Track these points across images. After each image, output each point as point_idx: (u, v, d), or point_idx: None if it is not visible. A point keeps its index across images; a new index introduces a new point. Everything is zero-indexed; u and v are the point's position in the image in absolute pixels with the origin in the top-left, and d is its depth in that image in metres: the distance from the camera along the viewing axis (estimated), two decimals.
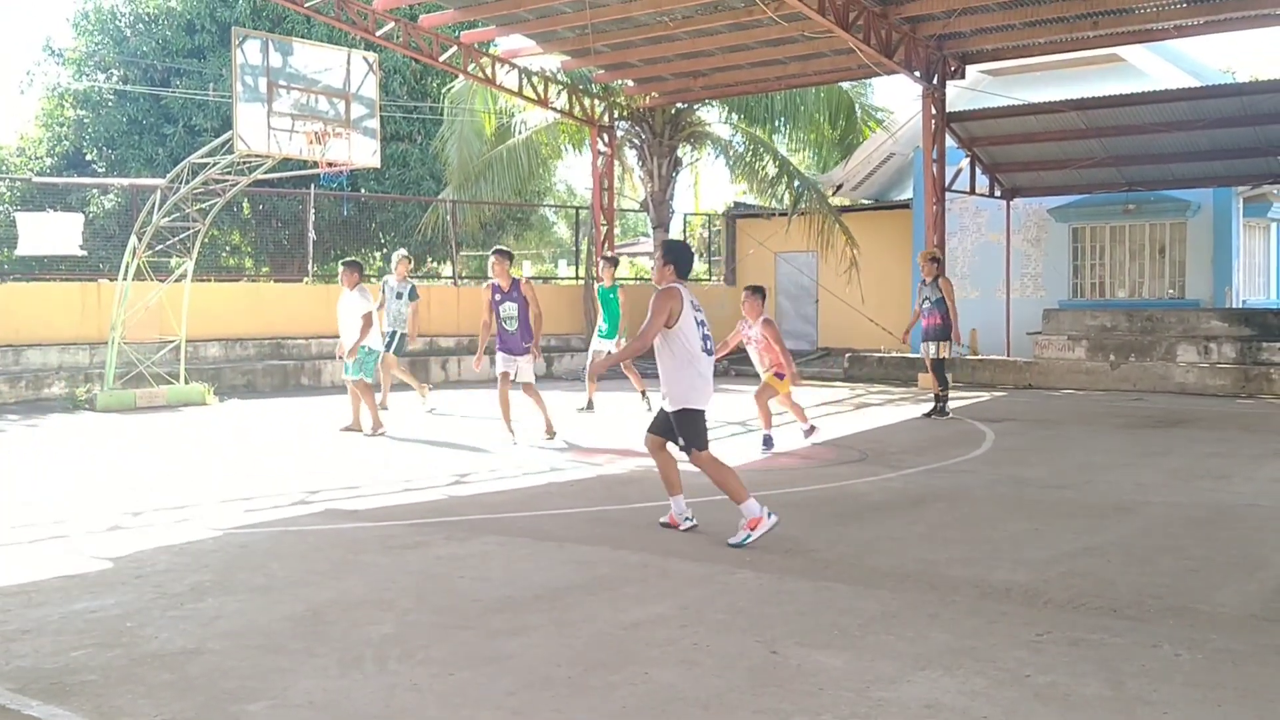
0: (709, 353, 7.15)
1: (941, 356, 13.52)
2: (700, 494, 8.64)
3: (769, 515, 6.84)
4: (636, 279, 32.17)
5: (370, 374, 12.52)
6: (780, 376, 11.27)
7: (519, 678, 4.45)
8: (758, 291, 11.32)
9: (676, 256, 7.21)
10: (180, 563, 6.35)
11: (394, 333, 14.51)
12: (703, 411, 7.13)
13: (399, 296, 14.63)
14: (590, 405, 14.73)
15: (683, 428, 7.08)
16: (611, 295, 14.77)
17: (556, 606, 5.44)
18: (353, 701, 4.21)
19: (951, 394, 13.26)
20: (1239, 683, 4.36)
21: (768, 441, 11.17)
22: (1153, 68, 21.17)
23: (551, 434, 11.86)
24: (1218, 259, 20.85)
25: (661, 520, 7.37)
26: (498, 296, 11.68)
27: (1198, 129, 18.07)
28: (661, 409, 7.28)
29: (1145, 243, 21.67)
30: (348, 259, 12.91)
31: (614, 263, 15.40)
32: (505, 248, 12.21)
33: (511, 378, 11.85)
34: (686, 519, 7.29)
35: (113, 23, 28.47)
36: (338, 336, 13.09)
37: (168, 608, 5.44)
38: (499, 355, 11.84)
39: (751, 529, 6.79)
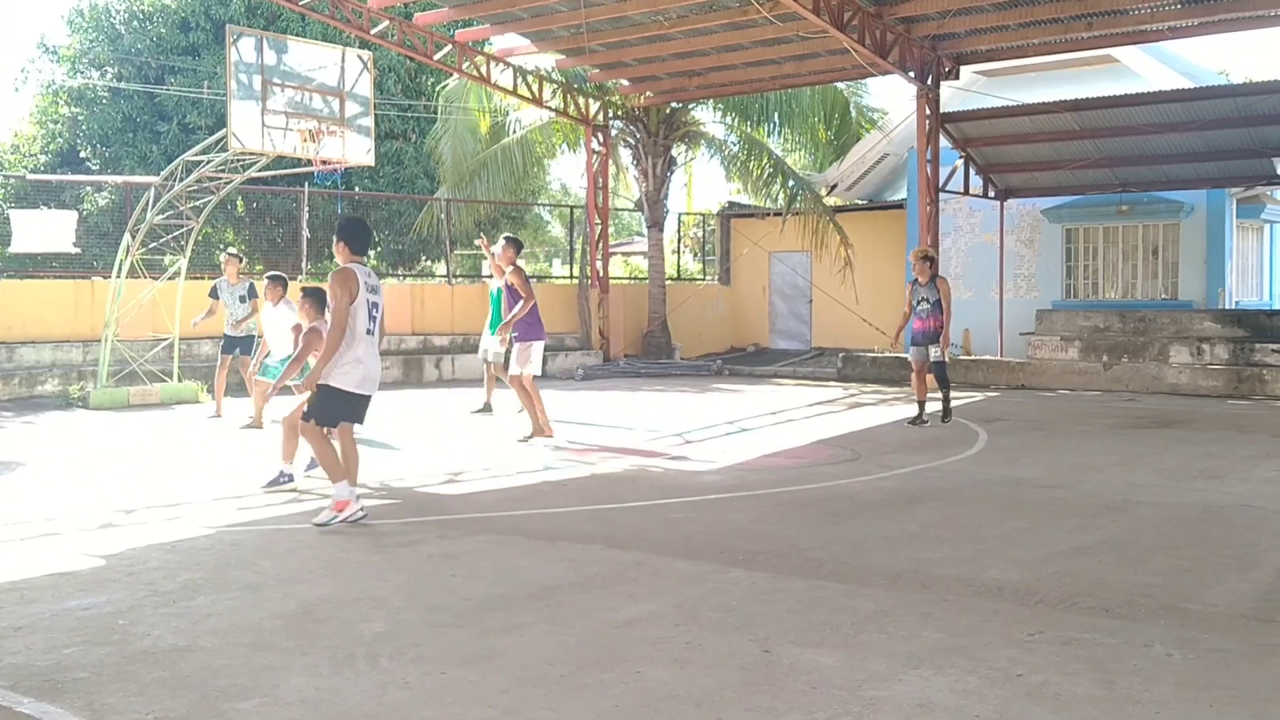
0: (371, 334, 7.36)
1: (944, 360, 13.11)
2: (694, 494, 8.64)
3: (358, 501, 7.17)
4: (631, 278, 32.18)
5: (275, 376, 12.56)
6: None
7: (511, 676, 4.44)
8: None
9: (349, 234, 7.44)
10: (172, 560, 6.34)
11: (249, 337, 13.75)
12: (345, 393, 7.26)
13: (241, 300, 13.80)
14: (488, 407, 14.22)
15: (315, 399, 7.29)
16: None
17: (549, 605, 5.43)
18: (344, 699, 4.21)
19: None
20: (1231, 682, 4.37)
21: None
22: (1147, 69, 21.20)
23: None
24: (1211, 260, 20.88)
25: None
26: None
27: (1192, 130, 18.09)
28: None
29: (1139, 244, 21.70)
30: (272, 274, 12.46)
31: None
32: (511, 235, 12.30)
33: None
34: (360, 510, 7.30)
35: (107, 20, 28.43)
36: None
37: (160, 605, 5.43)
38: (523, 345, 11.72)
39: (338, 510, 7.11)
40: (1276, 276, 23.62)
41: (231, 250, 15.29)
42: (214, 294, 14.09)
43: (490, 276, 13.06)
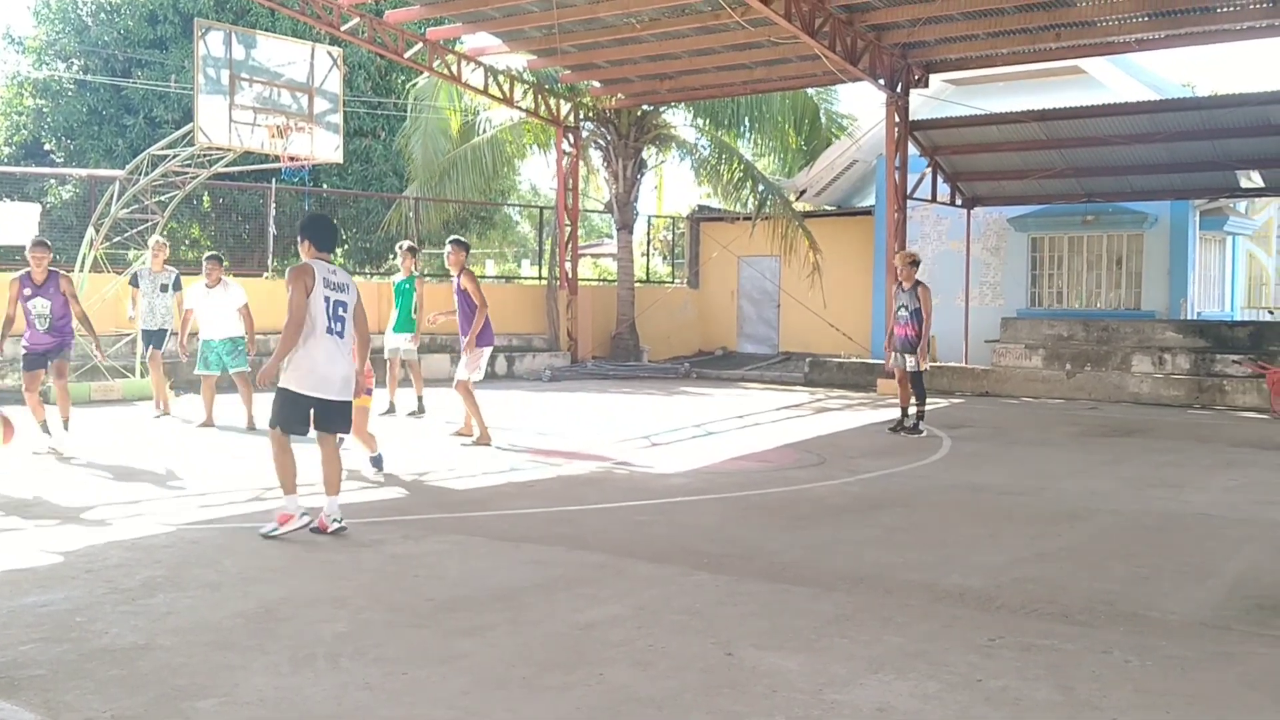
0: (334, 334, 6.94)
1: (921, 369, 12.86)
2: (660, 496, 8.65)
3: (303, 516, 6.84)
4: (600, 280, 32.17)
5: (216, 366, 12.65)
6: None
7: (473, 677, 4.43)
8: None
9: (312, 231, 7.13)
10: (132, 558, 6.28)
11: (161, 330, 13.54)
12: (295, 394, 6.90)
13: (164, 289, 13.46)
14: (420, 408, 14.00)
15: (274, 400, 7.05)
16: (407, 287, 13.81)
17: (512, 606, 5.42)
18: (304, 699, 4.18)
19: (909, 399, 13.22)
20: (1188, 689, 4.41)
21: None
22: (1113, 80, 21.41)
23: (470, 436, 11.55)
24: (1174, 271, 21.10)
25: (311, 526, 6.94)
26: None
27: (1157, 142, 18.28)
28: None
29: (1103, 253, 21.90)
30: (210, 254, 12.42)
31: (413, 252, 14.14)
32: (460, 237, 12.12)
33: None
34: (335, 520, 7.01)
35: (74, 11, 28.15)
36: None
37: (119, 603, 5.38)
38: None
39: (281, 523, 6.81)
40: (1238, 288, 23.91)
41: (158, 237, 14.05)
42: (134, 282, 13.60)
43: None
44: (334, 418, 7.12)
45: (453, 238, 11.93)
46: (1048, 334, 18.80)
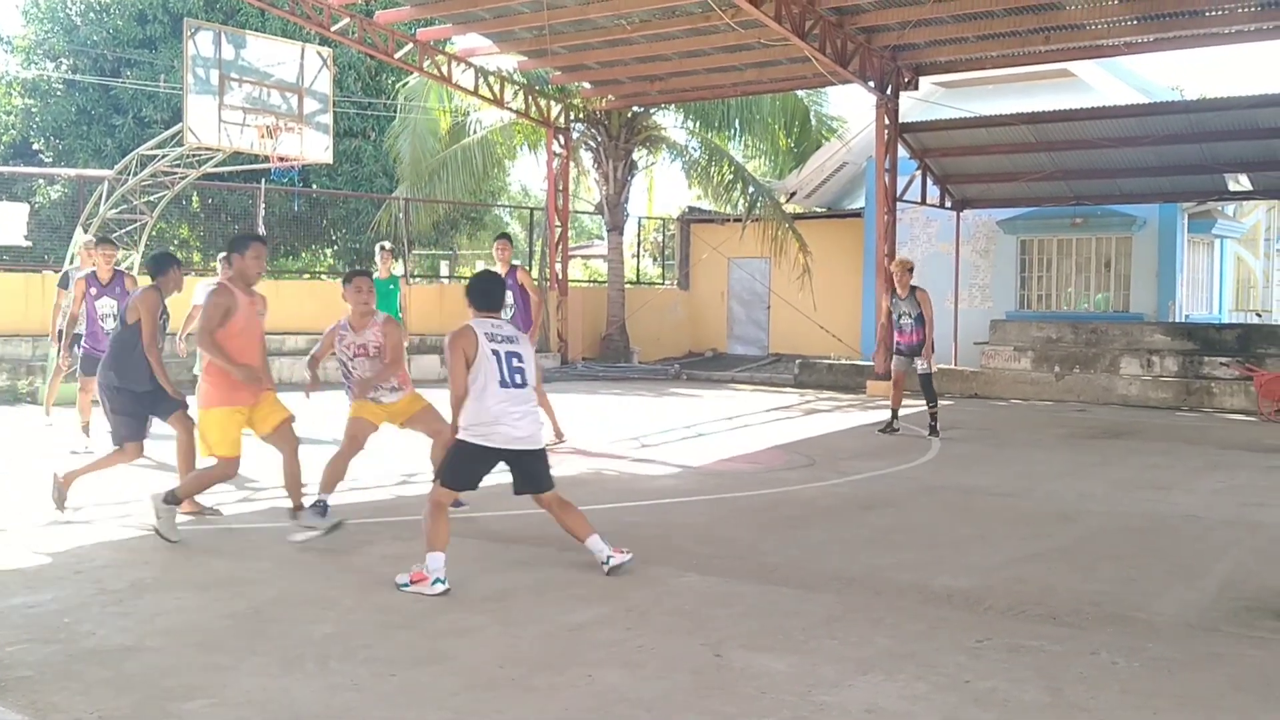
0: (515, 385, 6.18)
1: (930, 370, 12.81)
2: (650, 497, 8.65)
3: (436, 584, 5.72)
4: (590, 281, 32.17)
5: None
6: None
7: (462, 678, 4.43)
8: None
9: (472, 294, 6.44)
10: (121, 559, 6.26)
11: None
12: (474, 448, 6.16)
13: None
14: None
15: (449, 453, 6.39)
16: (391, 287, 13.23)
17: (501, 607, 5.42)
18: (293, 700, 4.18)
19: (901, 401, 13.26)
20: (1175, 690, 4.43)
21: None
22: (1103, 84, 21.48)
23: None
24: (1162, 274, 21.16)
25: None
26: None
27: (1145, 145, 18.33)
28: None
29: (1092, 256, 21.96)
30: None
31: (394, 253, 13.86)
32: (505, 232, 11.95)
33: None
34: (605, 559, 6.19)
35: (63, 11, 28.06)
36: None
37: (107, 604, 5.36)
38: None
39: (414, 581, 5.79)
40: (1226, 291, 23.99)
41: (89, 236, 12.87)
42: (64, 284, 12.19)
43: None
44: (533, 470, 6.41)
45: (500, 233, 11.78)
46: (1037, 336, 18.84)
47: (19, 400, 14.87)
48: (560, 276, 23.27)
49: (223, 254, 9.97)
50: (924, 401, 13.01)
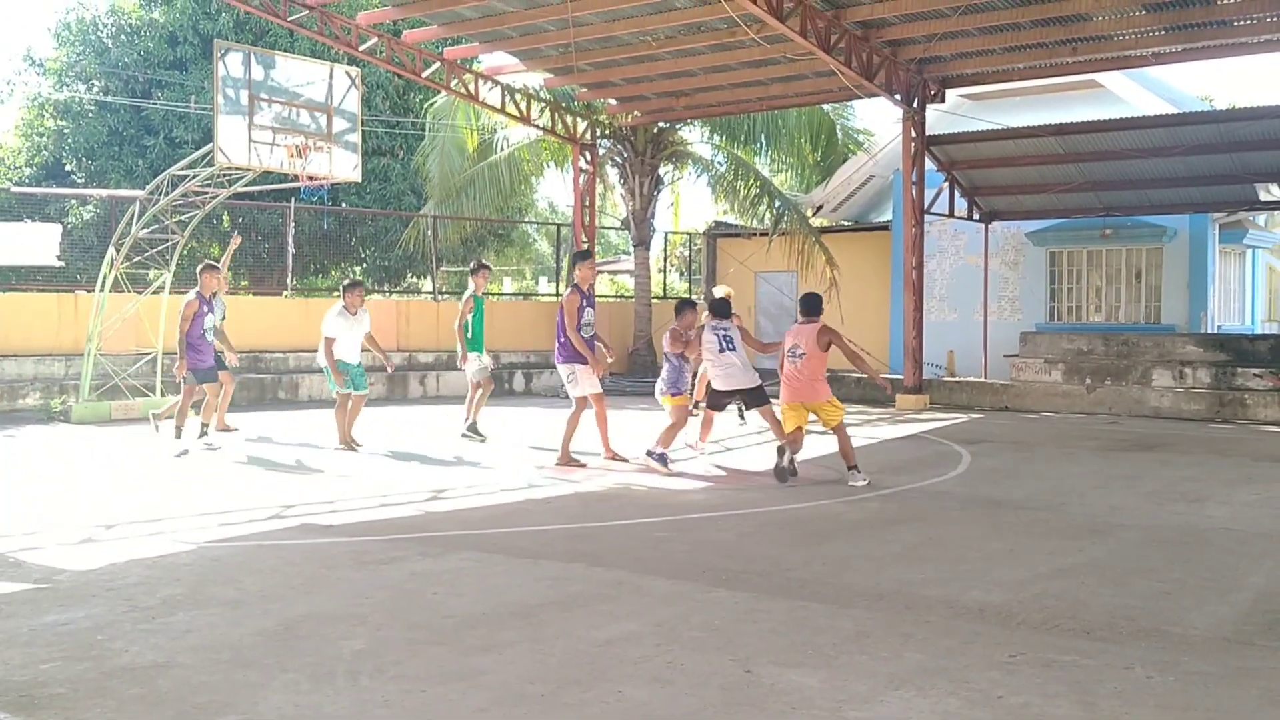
0: (728, 350, 10.90)
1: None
2: (678, 512, 8.64)
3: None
4: (617, 296, 32.20)
5: (364, 385, 12.52)
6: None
7: (491, 695, 4.43)
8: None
9: (712, 306, 11.51)
10: (152, 576, 6.30)
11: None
12: (719, 391, 11.19)
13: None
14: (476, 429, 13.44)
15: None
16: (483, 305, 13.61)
17: (530, 623, 5.42)
18: (324, 717, 4.18)
19: (929, 415, 13.21)
20: (1210, 705, 4.38)
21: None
22: (1131, 94, 21.37)
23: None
24: (1193, 284, 21.02)
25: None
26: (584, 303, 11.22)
27: (1175, 155, 18.23)
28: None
29: (1122, 267, 21.83)
30: (356, 280, 12.71)
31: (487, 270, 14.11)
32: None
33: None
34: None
35: (94, 33, 28.43)
36: (315, 350, 13.36)
37: (139, 621, 5.39)
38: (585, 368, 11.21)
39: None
40: (1259, 301, 23.79)
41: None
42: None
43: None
44: (754, 398, 10.93)
45: (581, 252, 12.27)
46: (1067, 348, 18.73)
47: (52, 419, 15.01)
48: None
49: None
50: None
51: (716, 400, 11.62)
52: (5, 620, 5.39)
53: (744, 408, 13.71)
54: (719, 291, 13.68)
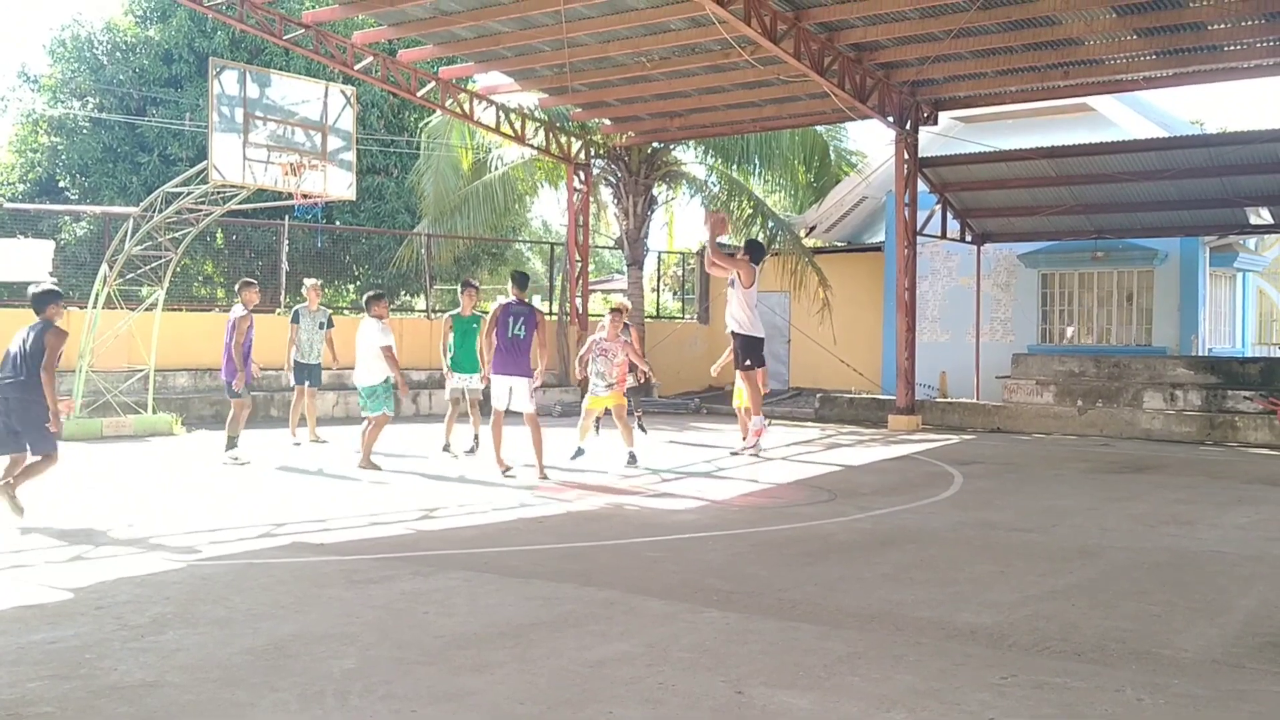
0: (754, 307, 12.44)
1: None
2: (669, 532, 8.63)
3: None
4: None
5: (391, 407, 12.38)
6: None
7: (481, 715, 4.42)
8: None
9: (751, 251, 12.73)
10: (142, 594, 6.28)
11: (316, 365, 14.67)
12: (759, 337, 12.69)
13: (320, 327, 14.57)
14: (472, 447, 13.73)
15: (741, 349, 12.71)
16: (474, 325, 13.50)
17: (521, 643, 5.41)
18: None
19: (921, 436, 13.27)
20: None
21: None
22: (1122, 118, 21.49)
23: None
24: (1184, 307, 21.09)
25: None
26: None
27: (1166, 179, 18.32)
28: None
29: (1113, 290, 21.90)
30: (379, 291, 12.66)
31: (476, 289, 14.20)
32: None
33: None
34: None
35: (90, 50, 28.46)
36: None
37: (128, 639, 5.38)
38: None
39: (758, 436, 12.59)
40: (1249, 324, 23.87)
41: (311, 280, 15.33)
42: (295, 319, 14.50)
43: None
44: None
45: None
46: (1059, 370, 18.77)
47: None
48: (580, 311, 23.33)
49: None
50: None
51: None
52: None
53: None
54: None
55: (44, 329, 8.93)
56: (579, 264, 23.31)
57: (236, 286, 13.26)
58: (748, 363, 12.86)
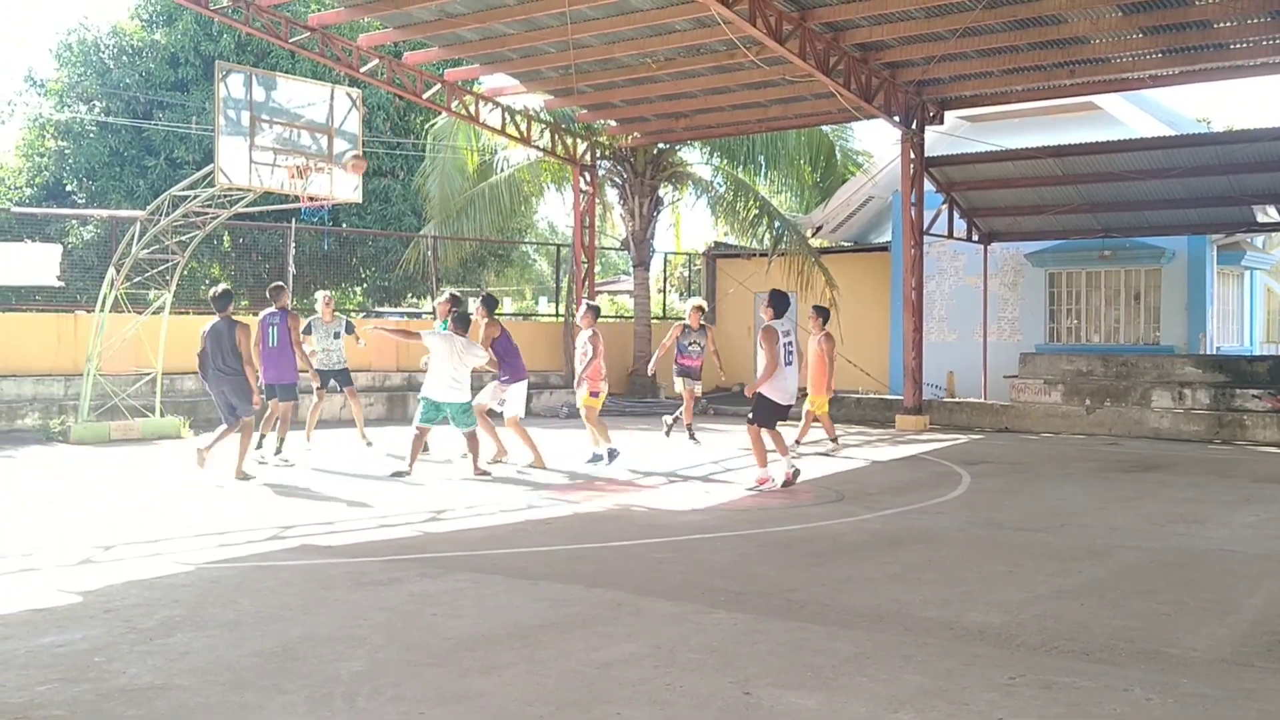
0: (790, 365, 11.00)
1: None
2: (677, 533, 8.63)
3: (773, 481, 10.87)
4: (617, 317, 32.23)
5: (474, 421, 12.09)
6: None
7: (489, 717, 4.42)
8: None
9: (774, 303, 10.93)
10: (150, 597, 6.29)
11: (342, 369, 14.57)
12: (776, 404, 10.94)
13: (336, 336, 14.43)
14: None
15: (757, 408, 10.99)
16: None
17: (529, 645, 5.41)
18: None
19: (929, 436, 13.22)
20: None
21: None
22: (1129, 116, 21.45)
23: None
24: (1192, 306, 21.04)
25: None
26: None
27: (1173, 177, 18.28)
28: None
29: (1121, 288, 21.86)
30: (466, 312, 12.25)
31: (455, 301, 13.29)
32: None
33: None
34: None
35: (96, 54, 28.53)
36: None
37: (136, 643, 5.39)
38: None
39: (760, 484, 10.89)
40: (1257, 322, 23.81)
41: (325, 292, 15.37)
42: (308, 330, 14.24)
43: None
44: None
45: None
46: (1067, 369, 18.73)
47: (51, 439, 15.01)
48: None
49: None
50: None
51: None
52: (2, 642, 5.38)
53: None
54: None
55: (232, 328, 11.28)
56: (585, 265, 23.31)
57: (268, 292, 13.60)
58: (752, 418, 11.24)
